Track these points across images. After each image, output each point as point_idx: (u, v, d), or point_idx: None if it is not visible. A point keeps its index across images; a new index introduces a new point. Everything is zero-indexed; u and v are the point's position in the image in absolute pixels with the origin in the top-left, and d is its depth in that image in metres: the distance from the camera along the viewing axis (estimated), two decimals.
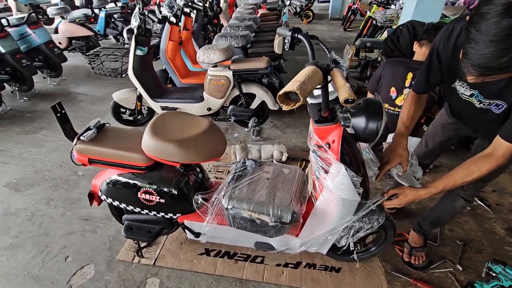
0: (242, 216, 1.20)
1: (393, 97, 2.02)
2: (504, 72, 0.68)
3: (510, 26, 0.62)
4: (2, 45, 3.08)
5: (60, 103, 1.22)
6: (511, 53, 0.64)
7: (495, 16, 0.64)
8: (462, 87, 1.07)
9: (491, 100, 0.99)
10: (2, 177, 2.26)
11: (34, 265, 1.61)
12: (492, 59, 0.66)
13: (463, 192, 1.37)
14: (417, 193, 1.10)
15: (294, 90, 0.63)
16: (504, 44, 0.64)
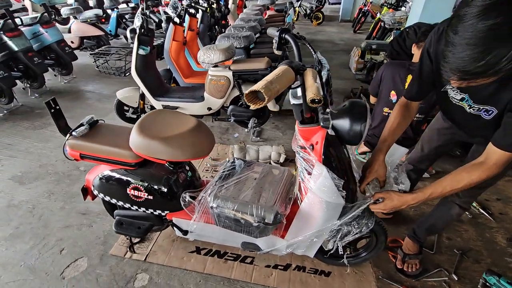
0: (226, 215, 1.20)
1: (393, 101, 1.98)
2: (482, 76, 0.66)
3: (486, 28, 0.60)
4: (15, 43, 3.21)
5: (54, 99, 1.25)
6: (487, 56, 0.61)
7: (472, 19, 0.61)
8: (453, 91, 1.03)
9: (481, 105, 0.95)
10: (9, 170, 2.34)
11: (30, 255, 1.66)
12: (469, 63, 0.64)
13: (458, 199, 1.33)
14: (403, 198, 1.07)
15: (259, 89, 0.63)
16: (481, 47, 0.61)
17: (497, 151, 0.89)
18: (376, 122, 2.12)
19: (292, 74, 0.74)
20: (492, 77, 0.66)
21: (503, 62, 0.61)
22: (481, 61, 0.62)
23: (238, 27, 3.22)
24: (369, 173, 1.19)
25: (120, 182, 1.35)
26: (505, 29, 0.59)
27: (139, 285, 1.52)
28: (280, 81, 0.68)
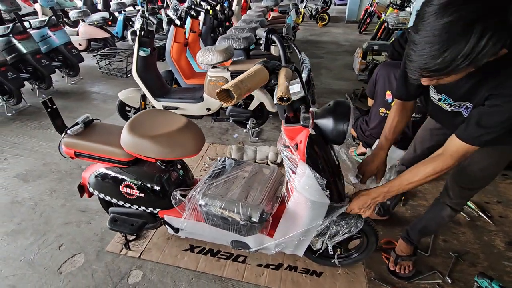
0: (214, 213, 1.22)
1: (389, 101, 1.97)
2: (443, 73, 0.67)
3: (441, 26, 0.61)
4: (24, 46, 3.32)
5: (51, 99, 1.30)
6: (444, 53, 0.62)
7: (430, 17, 0.63)
8: (432, 91, 1.03)
9: (461, 102, 0.95)
10: (14, 168, 2.42)
11: (30, 251, 1.71)
12: (428, 60, 0.65)
13: (449, 200, 1.32)
14: (368, 195, 1.09)
15: (228, 87, 0.64)
16: (437, 45, 0.63)
17: (457, 143, 0.90)
18: (374, 123, 2.11)
19: (266, 74, 0.76)
20: (454, 74, 0.68)
21: (459, 59, 0.62)
22: (439, 58, 0.63)
23: (239, 29, 3.25)
24: (370, 169, 1.22)
25: (113, 179, 1.38)
26: (459, 26, 0.60)
27: (133, 282, 1.55)
28: (252, 80, 0.70)
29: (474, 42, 0.60)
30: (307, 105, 0.96)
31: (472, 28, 0.59)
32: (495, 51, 0.63)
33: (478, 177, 1.16)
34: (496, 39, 0.60)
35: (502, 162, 1.10)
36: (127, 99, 2.75)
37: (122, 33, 5.50)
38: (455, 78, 0.72)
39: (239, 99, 0.66)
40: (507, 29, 0.61)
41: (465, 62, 0.63)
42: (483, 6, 0.59)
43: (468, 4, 0.60)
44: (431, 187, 2.15)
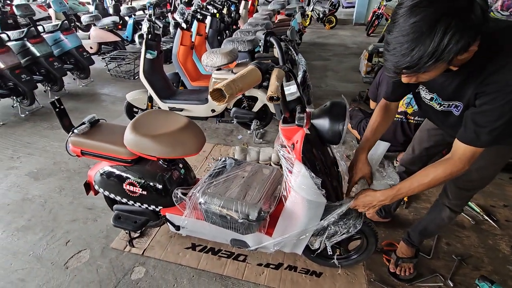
0: (213, 211, 1.25)
1: None
2: (414, 70, 0.71)
3: (409, 27, 0.66)
4: (38, 49, 3.44)
5: (59, 99, 1.36)
6: (412, 52, 0.67)
7: (400, 18, 0.67)
8: (423, 91, 1.04)
9: (450, 101, 0.96)
10: (26, 167, 2.51)
11: (39, 246, 1.78)
12: (399, 59, 0.69)
13: (448, 201, 1.31)
14: (374, 194, 1.09)
15: (220, 87, 0.67)
16: (406, 44, 0.67)
17: (461, 146, 0.90)
18: None
19: (259, 74, 0.78)
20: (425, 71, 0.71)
21: (425, 57, 0.66)
22: (408, 57, 0.68)
23: (245, 31, 3.29)
24: (354, 173, 1.22)
25: (117, 178, 1.43)
26: (424, 26, 0.64)
27: (136, 278, 1.59)
28: (244, 80, 0.72)
29: (438, 40, 0.64)
30: (303, 106, 0.98)
31: (435, 27, 0.63)
32: (460, 48, 0.65)
33: (474, 177, 1.15)
34: (459, 37, 0.64)
35: (499, 161, 1.10)
36: (134, 101, 2.82)
37: (132, 36, 5.63)
38: (432, 75, 0.75)
39: (231, 98, 0.69)
40: (471, 27, 0.65)
41: (431, 59, 0.66)
42: (445, 6, 0.63)
43: (432, 5, 0.64)
44: (436, 190, 2.13)
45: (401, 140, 2.04)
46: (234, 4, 4.79)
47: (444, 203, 1.33)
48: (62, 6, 4.97)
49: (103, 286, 1.54)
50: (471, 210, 1.95)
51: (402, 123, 1.98)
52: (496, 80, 0.77)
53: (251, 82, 0.76)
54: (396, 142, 2.08)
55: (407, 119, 1.96)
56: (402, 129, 2.00)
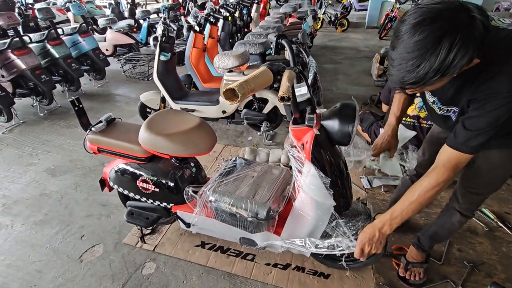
0: (223, 209, 1.28)
1: None
2: (420, 85, 0.72)
3: (414, 44, 0.67)
4: (57, 51, 3.58)
5: (78, 99, 1.42)
6: (417, 68, 0.68)
7: (404, 36, 0.69)
8: (427, 93, 1.05)
9: (448, 106, 0.98)
10: (44, 163, 2.61)
11: (55, 239, 1.85)
12: (405, 74, 0.71)
13: (458, 205, 1.30)
14: (373, 226, 1.05)
15: (233, 87, 0.70)
16: (412, 61, 0.68)
17: (447, 151, 0.90)
18: None
19: (270, 75, 0.80)
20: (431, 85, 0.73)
21: (431, 72, 0.68)
22: (413, 73, 0.69)
23: (256, 34, 3.33)
24: (383, 143, 1.30)
25: (131, 175, 1.48)
26: (428, 43, 0.66)
27: (147, 273, 1.63)
28: (256, 81, 0.75)
29: (443, 56, 0.66)
30: (313, 107, 1.00)
31: (440, 44, 0.65)
32: (464, 63, 0.67)
33: (484, 181, 1.14)
34: (464, 52, 0.65)
35: (509, 165, 1.08)
36: (147, 101, 2.90)
37: (146, 39, 5.77)
38: (436, 86, 0.77)
39: (243, 98, 0.71)
40: (473, 41, 0.66)
41: (437, 74, 0.68)
42: (448, 23, 0.65)
43: (435, 22, 0.65)
44: (448, 195, 2.09)
45: (413, 144, 2.02)
46: (246, 7, 4.85)
47: (454, 207, 1.32)
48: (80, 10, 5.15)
49: (116, 280, 1.59)
50: (485, 216, 1.91)
51: (415, 127, 1.97)
52: (487, 87, 0.79)
53: (263, 83, 0.78)
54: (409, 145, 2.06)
55: (419, 123, 1.95)
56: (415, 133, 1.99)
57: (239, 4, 4.56)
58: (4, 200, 2.19)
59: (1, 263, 1.70)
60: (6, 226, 1.96)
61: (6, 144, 2.94)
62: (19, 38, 3.17)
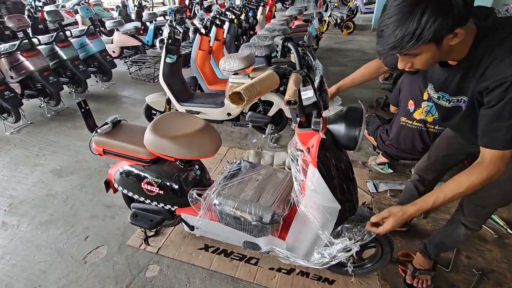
0: (227, 213, 1.27)
1: (411, 110, 1.93)
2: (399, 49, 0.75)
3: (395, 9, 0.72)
4: (65, 52, 3.63)
5: (84, 100, 1.43)
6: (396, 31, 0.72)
7: (389, 3, 0.75)
8: (431, 90, 1.04)
9: (457, 96, 0.97)
10: (50, 164, 2.64)
11: (60, 240, 1.86)
12: (386, 39, 0.75)
13: (463, 218, 1.26)
14: (405, 209, 1.01)
15: (239, 90, 0.69)
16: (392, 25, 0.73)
17: (487, 150, 0.88)
18: (393, 133, 2.07)
19: (277, 79, 0.80)
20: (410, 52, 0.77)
21: (407, 36, 0.72)
22: (392, 37, 0.74)
23: (262, 37, 3.33)
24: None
25: (136, 177, 1.48)
26: (406, 7, 0.70)
27: (150, 275, 1.63)
28: (262, 84, 0.74)
29: (417, 19, 0.70)
30: (319, 110, 0.98)
31: (416, 8, 0.69)
32: (438, 28, 0.70)
33: (494, 193, 1.11)
34: (435, 17, 0.69)
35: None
36: (153, 103, 2.91)
37: (152, 41, 5.82)
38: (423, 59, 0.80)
39: (249, 101, 0.71)
40: (448, 9, 0.69)
41: (413, 38, 0.72)
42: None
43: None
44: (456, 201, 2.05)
45: (419, 148, 1.99)
46: (252, 10, 4.86)
47: (459, 219, 1.28)
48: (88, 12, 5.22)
49: (119, 282, 1.59)
50: (494, 223, 1.87)
51: (421, 132, 1.94)
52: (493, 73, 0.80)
53: (269, 86, 0.78)
54: (414, 151, 2.03)
55: (426, 128, 1.92)
56: (421, 138, 1.95)
57: (245, 7, 4.57)
58: (11, 200, 2.21)
59: (7, 263, 1.72)
60: (12, 226, 1.97)
61: (13, 145, 2.98)
62: (28, 40, 3.22)
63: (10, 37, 4.17)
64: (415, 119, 1.92)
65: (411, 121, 1.94)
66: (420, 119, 1.91)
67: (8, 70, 3.22)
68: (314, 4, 10.44)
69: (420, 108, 1.89)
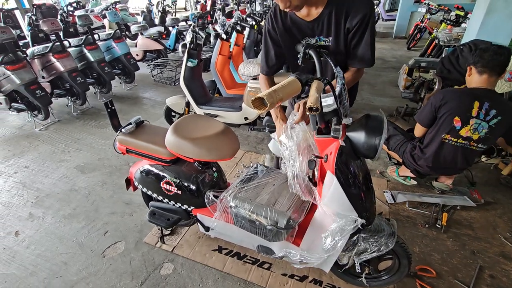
0: (243, 216, 1.28)
1: (457, 127, 1.81)
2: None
3: None
4: (92, 55, 3.80)
5: (111, 101, 1.50)
6: None
7: None
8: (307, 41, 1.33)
9: (327, 37, 1.26)
10: (75, 160, 2.76)
11: (81, 233, 1.94)
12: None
13: None
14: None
15: (262, 96, 0.71)
16: None
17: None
18: (432, 150, 1.91)
19: (298, 85, 0.81)
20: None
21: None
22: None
23: None
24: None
25: (155, 176, 1.52)
26: None
27: (164, 273, 1.66)
28: (284, 90, 0.75)
29: None
30: (339, 118, 0.99)
31: None
32: None
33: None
34: None
35: None
36: (173, 105, 2.99)
37: (174, 45, 5.99)
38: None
39: (272, 107, 0.72)
40: None
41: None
42: None
43: None
44: (479, 216, 1.97)
45: (459, 165, 1.89)
46: None
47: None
48: (115, 17, 5.45)
49: (135, 278, 1.63)
50: None
51: (465, 149, 1.84)
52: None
53: (291, 93, 0.79)
54: (453, 168, 1.93)
55: (470, 145, 1.82)
56: (464, 155, 1.86)
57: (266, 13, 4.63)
58: (38, 193, 2.33)
59: (32, 252, 1.81)
60: (38, 217, 2.08)
61: (42, 141, 3.14)
62: (60, 43, 3.41)
63: (43, 39, 4.42)
64: (462, 136, 1.80)
65: (456, 139, 1.82)
66: (466, 137, 1.80)
67: (40, 70, 3.42)
68: None
69: (468, 125, 1.77)
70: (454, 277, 1.59)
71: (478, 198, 2.10)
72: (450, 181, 2.15)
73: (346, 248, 1.25)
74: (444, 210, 1.99)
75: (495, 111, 1.72)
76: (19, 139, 3.21)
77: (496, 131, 1.75)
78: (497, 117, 1.72)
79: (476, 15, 2.98)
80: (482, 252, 1.73)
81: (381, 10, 9.70)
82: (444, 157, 1.88)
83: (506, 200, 2.10)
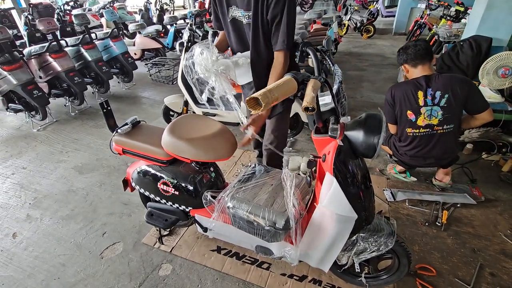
0: (241, 216, 1.27)
1: (413, 120, 1.87)
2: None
3: None
4: (90, 54, 3.78)
5: (107, 101, 1.48)
6: None
7: None
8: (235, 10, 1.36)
9: (248, 12, 1.26)
10: (72, 161, 2.75)
11: (79, 235, 1.92)
12: None
13: None
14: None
15: (257, 96, 0.69)
16: None
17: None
18: (406, 142, 2.00)
19: (295, 84, 0.79)
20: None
21: None
22: None
23: None
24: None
25: (153, 176, 1.51)
26: None
27: (163, 274, 1.65)
28: (280, 90, 0.74)
29: None
30: (337, 116, 0.97)
31: None
32: None
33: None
34: None
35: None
36: (171, 105, 2.97)
37: (172, 44, 5.95)
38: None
39: (267, 107, 0.71)
40: None
41: None
42: None
43: None
44: (479, 214, 1.96)
45: (435, 154, 1.93)
46: None
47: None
48: (113, 16, 5.42)
49: (133, 279, 1.62)
50: None
51: (432, 136, 1.88)
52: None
53: (287, 92, 0.77)
54: (436, 156, 1.95)
55: (435, 130, 1.86)
56: (437, 141, 1.89)
57: None
58: (36, 194, 2.32)
59: (30, 254, 1.80)
60: (36, 219, 2.07)
61: (40, 141, 3.13)
62: (56, 42, 3.39)
63: (40, 39, 4.38)
64: (421, 126, 1.87)
65: (417, 130, 1.89)
66: (426, 125, 1.86)
67: (37, 70, 3.40)
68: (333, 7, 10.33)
69: (421, 115, 1.84)
70: (454, 275, 1.58)
71: (479, 196, 2.08)
72: (448, 177, 2.14)
73: (345, 247, 1.24)
74: (444, 208, 1.98)
75: (439, 92, 1.78)
76: (16, 139, 3.20)
77: (451, 108, 1.79)
78: (444, 96, 1.78)
79: (476, 10, 2.95)
80: (483, 250, 1.71)
81: (381, 6, 9.64)
82: (417, 148, 1.96)
83: (507, 197, 2.09)
